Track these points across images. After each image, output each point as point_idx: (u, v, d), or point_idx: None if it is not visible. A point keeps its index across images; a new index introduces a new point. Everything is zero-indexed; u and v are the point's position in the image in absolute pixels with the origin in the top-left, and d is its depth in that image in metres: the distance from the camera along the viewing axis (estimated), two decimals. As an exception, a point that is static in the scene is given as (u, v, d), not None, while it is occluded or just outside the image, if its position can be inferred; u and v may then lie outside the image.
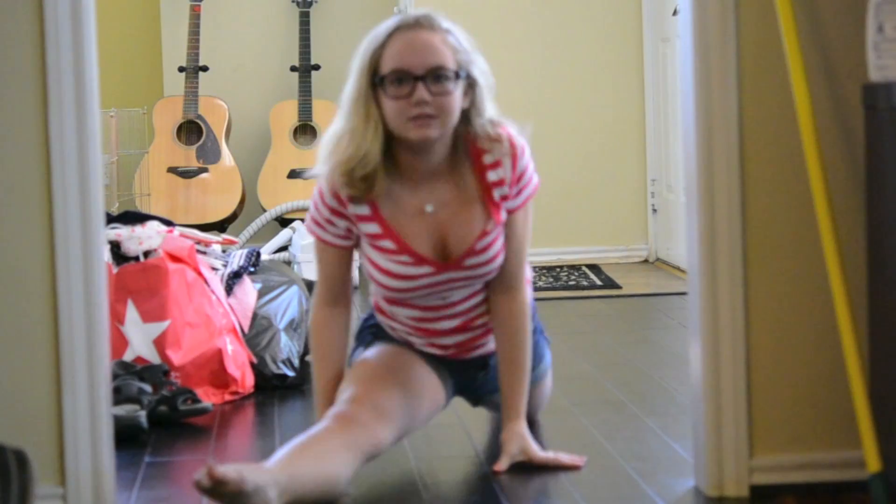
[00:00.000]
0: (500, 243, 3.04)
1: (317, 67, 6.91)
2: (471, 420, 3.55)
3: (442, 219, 3.01)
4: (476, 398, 3.36)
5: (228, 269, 4.18)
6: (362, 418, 2.91)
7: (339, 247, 3.05)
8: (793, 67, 2.77)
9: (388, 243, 3.00)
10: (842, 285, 2.72)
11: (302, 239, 5.78)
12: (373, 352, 3.14)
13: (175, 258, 3.98)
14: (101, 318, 2.81)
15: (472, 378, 3.25)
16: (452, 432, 3.45)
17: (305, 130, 6.89)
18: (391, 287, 3.04)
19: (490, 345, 3.20)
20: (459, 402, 3.73)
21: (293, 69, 6.96)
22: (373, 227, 3.00)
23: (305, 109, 6.88)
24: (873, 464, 2.64)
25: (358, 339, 3.25)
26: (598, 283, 5.85)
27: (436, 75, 2.90)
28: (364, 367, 3.08)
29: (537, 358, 3.31)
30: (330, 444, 2.84)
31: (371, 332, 3.23)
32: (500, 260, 3.05)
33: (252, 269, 4.28)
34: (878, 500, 2.63)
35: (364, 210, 2.99)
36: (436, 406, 3.16)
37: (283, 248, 6.26)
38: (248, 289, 4.17)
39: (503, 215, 3.04)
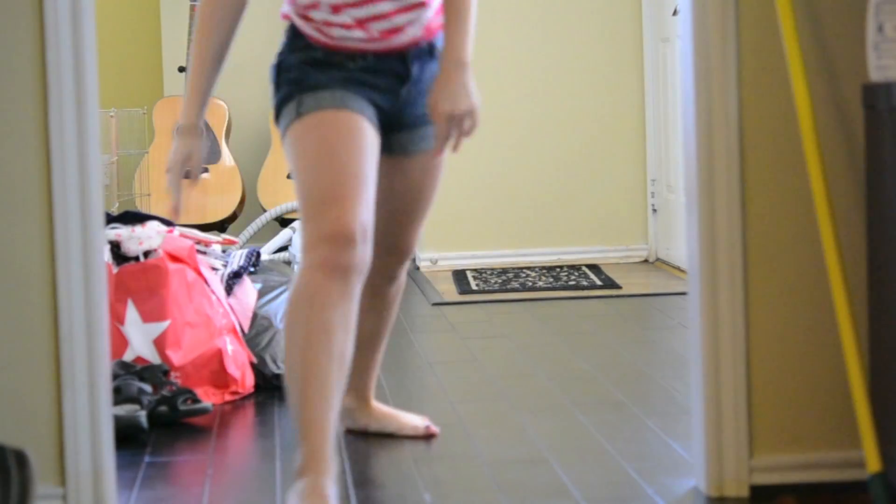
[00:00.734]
0: None
1: (317, 67, 6.90)
2: (471, 420, 3.55)
3: None
4: (399, 133, 3.10)
5: (228, 269, 4.18)
6: (357, 257, 2.77)
7: None
8: (793, 67, 2.77)
9: None
10: (842, 285, 2.72)
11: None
12: (317, 136, 2.91)
13: (175, 258, 3.97)
14: (101, 318, 2.81)
15: (395, 97, 3.04)
16: (452, 432, 3.45)
17: (305, 130, 6.89)
18: None
19: (414, 30, 3.00)
20: (458, 402, 3.73)
21: (293, 69, 6.95)
22: None
23: (305, 109, 6.87)
24: (873, 464, 2.64)
25: (279, 90, 3.06)
26: (598, 283, 5.85)
27: None
28: (324, 167, 2.85)
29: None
30: (341, 333, 2.75)
31: (289, 78, 3.04)
32: None
33: (252, 270, 4.28)
34: (878, 500, 2.63)
35: None
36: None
37: (283, 249, 6.26)
38: (248, 289, 4.18)
39: None
